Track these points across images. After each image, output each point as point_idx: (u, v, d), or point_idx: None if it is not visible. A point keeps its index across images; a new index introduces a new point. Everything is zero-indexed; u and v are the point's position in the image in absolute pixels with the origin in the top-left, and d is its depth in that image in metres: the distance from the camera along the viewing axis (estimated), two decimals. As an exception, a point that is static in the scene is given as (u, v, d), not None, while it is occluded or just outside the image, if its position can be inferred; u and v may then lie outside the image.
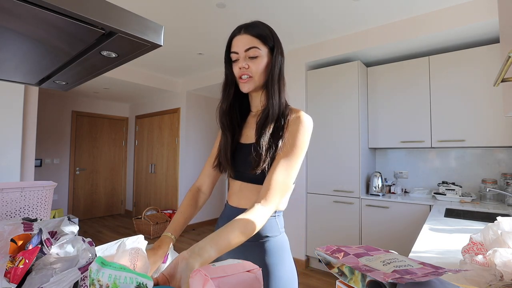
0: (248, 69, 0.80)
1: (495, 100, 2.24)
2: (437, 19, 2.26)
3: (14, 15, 0.42)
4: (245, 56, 0.80)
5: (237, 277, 0.39)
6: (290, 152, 0.78)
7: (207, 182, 0.98)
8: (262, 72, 0.82)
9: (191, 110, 4.46)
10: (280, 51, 0.85)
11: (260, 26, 0.83)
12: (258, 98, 0.89)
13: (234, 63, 0.84)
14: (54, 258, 0.61)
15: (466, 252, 0.77)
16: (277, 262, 0.83)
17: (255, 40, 0.80)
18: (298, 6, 2.22)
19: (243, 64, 0.80)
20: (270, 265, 0.82)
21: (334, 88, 2.83)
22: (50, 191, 1.00)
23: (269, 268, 0.82)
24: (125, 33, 0.49)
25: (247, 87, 0.83)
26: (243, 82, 0.82)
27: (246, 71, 0.81)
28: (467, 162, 2.61)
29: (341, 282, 0.43)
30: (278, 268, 0.82)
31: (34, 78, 0.80)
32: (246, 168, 0.83)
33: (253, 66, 0.80)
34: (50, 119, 4.54)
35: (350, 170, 2.68)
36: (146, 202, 5.00)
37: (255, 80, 0.82)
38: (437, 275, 0.36)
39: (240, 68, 0.81)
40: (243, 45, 0.80)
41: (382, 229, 2.48)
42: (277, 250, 0.84)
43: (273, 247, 0.84)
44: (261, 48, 0.81)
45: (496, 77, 0.79)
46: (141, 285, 0.40)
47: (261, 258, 0.82)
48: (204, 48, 3.11)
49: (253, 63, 0.81)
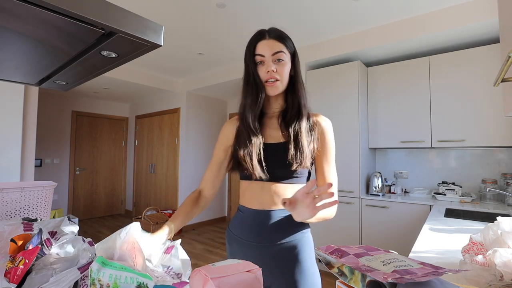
0: (276, 72, 0.83)
1: (495, 100, 2.24)
2: (437, 19, 2.26)
3: (14, 15, 0.42)
4: (272, 60, 0.83)
5: (237, 277, 0.39)
6: (327, 151, 0.88)
7: (208, 186, 0.98)
8: (287, 75, 0.86)
9: (191, 110, 4.46)
10: (298, 57, 0.91)
11: (282, 32, 0.87)
12: (277, 100, 0.92)
13: (259, 66, 0.85)
14: (54, 258, 0.61)
15: (466, 252, 0.77)
16: (310, 256, 0.87)
17: (281, 45, 0.84)
18: (298, 6, 2.22)
19: (272, 68, 0.83)
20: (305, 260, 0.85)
21: (334, 88, 2.83)
22: (50, 191, 1.00)
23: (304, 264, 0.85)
24: (125, 33, 0.49)
25: (274, 90, 0.86)
26: (270, 85, 0.85)
27: (274, 74, 0.83)
28: (467, 162, 2.61)
29: (341, 282, 0.43)
30: (311, 263, 0.86)
31: (34, 78, 0.80)
32: (278, 166, 0.84)
33: (280, 69, 0.84)
34: (50, 119, 4.54)
35: (350, 170, 2.68)
36: (146, 202, 5.00)
37: (282, 83, 0.86)
38: (437, 275, 0.36)
39: (268, 71, 0.83)
40: (270, 49, 0.83)
41: (382, 229, 2.48)
42: (310, 245, 0.89)
43: (306, 242, 0.88)
44: (286, 52, 0.85)
45: (496, 77, 0.79)
46: (142, 285, 0.40)
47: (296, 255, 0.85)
48: (204, 48, 3.11)
49: (280, 67, 0.84)
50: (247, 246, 0.86)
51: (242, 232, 0.88)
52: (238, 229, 0.90)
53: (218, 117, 4.96)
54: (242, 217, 0.91)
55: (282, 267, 0.84)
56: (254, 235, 0.85)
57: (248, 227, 0.87)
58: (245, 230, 0.87)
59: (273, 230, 0.84)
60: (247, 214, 0.89)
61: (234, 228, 0.92)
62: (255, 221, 0.86)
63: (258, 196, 0.87)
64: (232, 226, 0.93)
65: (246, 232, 0.87)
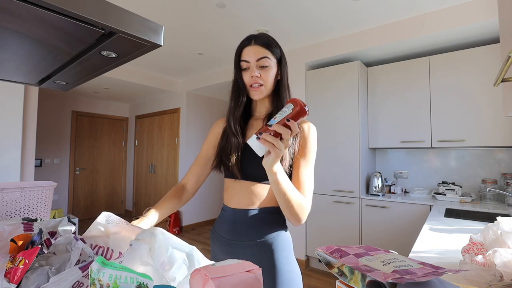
0: (259, 77, 0.86)
1: (495, 100, 2.24)
2: (437, 19, 2.26)
3: (14, 15, 0.42)
4: (257, 65, 0.86)
5: (237, 277, 0.39)
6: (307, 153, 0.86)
7: (192, 181, 0.99)
8: (271, 80, 0.88)
9: (191, 110, 4.46)
10: (285, 62, 0.92)
11: (269, 38, 0.89)
12: (263, 103, 0.95)
13: (244, 71, 0.89)
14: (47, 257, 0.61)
15: (466, 252, 0.77)
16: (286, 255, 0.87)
17: (266, 51, 0.86)
18: (298, 6, 2.22)
19: (255, 73, 0.85)
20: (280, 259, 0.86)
21: (334, 88, 2.83)
22: (50, 191, 1.00)
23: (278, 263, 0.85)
24: (125, 33, 0.49)
25: (258, 95, 0.88)
26: (254, 90, 0.88)
27: (258, 80, 0.86)
28: (467, 162, 2.61)
29: (341, 282, 0.43)
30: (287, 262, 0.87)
31: (34, 78, 0.80)
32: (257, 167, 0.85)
33: (264, 75, 0.86)
34: (50, 119, 4.54)
35: (350, 170, 2.68)
36: (146, 202, 5.00)
37: (266, 88, 0.88)
38: (437, 275, 0.36)
39: (252, 76, 0.86)
40: (254, 55, 0.85)
41: (382, 229, 2.48)
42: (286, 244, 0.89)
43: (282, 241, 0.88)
44: (271, 58, 0.87)
45: (496, 77, 0.79)
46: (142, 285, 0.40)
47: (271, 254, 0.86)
48: (204, 48, 3.11)
49: (264, 72, 0.86)
50: (226, 244, 0.90)
51: (222, 230, 0.92)
52: (220, 227, 0.93)
53: (218, 117, 4.90)
54: (223, 215, 0.94)
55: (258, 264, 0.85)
56: (232, 233, 0.89)
57: (227, 225, 0.91)
58: (225, 228, 0.91)
59: (249, 229, 0.87)
60: (227, 212, 0.92)
61: (217, 227, 0.95)
62: (233, 219, 0.89)
63: (237, 195, 0.90)
64: (216, 224, 0.97)
65: (225, 230, 0.91)
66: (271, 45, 0.88)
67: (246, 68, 0.88)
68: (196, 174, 0.99)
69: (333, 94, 2.83)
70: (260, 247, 0.86)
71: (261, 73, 0.86)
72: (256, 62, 0.85)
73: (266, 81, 0.87)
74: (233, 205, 0.91)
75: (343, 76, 2.78)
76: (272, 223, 0.88)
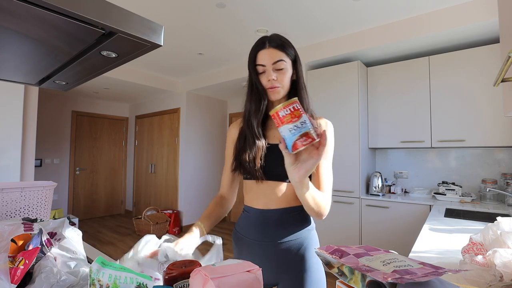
0: (276, 80, 0.87)
1: (495, 100, 2.24)
2: (437, 19, 2.26)
3: (14, 15, 0.42)
4: (273, 69, 0.86)
5: (237, 277, 0.39)
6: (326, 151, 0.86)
7: (227, 189, 1.02)
8: (288, 81, 0.89)
9: (191, 110, 4.46)
10: (300, 61, 0.92)
11: (282, 39, 0.89)
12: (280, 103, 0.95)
13: (261, 75, 0.89)
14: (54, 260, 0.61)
15: (466, 252, 0.77)
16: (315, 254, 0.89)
17: (281, 53, 0.86)
18: (298, 6, 2.22)
19: (272, 76, 0.86)
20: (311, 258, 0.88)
21: (334, 88, 2.83)
22: (50, 191, 1.00)
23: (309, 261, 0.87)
24: (125, 33, 0.49)
25: (276, 95, 0.89)
26: (272, 91, 0.88)
27: (274, 83, 0.87)
28: (467, 162, 2.60)
29: (341, 282, 0.43)
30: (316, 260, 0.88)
31: (34, 78, 0.80)
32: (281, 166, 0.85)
33: (280, 77, 0.87)
34: (50, 119, 4.54)
35: (350, 170, 2.68)
36: (146, 202, 5.00)
37: (283, 89, 0.89)
38: (437, 275, 0.36)
39: (269, 80, 0.86)
40: (270, 58, 0.85)
41: (382, 229, 2.48)
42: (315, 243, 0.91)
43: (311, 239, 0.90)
44: (286, 60, 0.87)
45: (496, 77, 0.79)
46: (141, 285, 0.40)
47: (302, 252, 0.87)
48: (204, 48, 3.11)
49: (280, 74, 0.87)
50: (254, 245, 0.90)
51: (248, 231, 0.92)
52: (244, 228, 0.94)
53: (218, 117, 4.96)
54: (247, 217, 0.94)
55: (288, 264, 0.87)
56: (259, 234, 0.89)
57: (253, 226, 0.91)
58: (251, 229, 0.91)
59: (277, 229, 0.88)
60: (252, 213, 0.92)
61: (241, 228, 0.96)
62: (260, 220, 0.90)
63: (262, 195, 0.90)
64: (238, 226, 0.97)
65: (252, 231, 0.91)
66: (285, 46, 0.88)
67: (262, 72, 0.88)
68: (228, 182, 1.02)
69: (333, 94, 2.83)
70: (291, 246, 0.87)
71: (278, 76, 0.86)
72: (272, 65, 0.86)
73: (283, 83, 0.88)
74: (260, 206, 0.90)
75: (343, 76, 2.77)
76: (300, 221, 0.89)
